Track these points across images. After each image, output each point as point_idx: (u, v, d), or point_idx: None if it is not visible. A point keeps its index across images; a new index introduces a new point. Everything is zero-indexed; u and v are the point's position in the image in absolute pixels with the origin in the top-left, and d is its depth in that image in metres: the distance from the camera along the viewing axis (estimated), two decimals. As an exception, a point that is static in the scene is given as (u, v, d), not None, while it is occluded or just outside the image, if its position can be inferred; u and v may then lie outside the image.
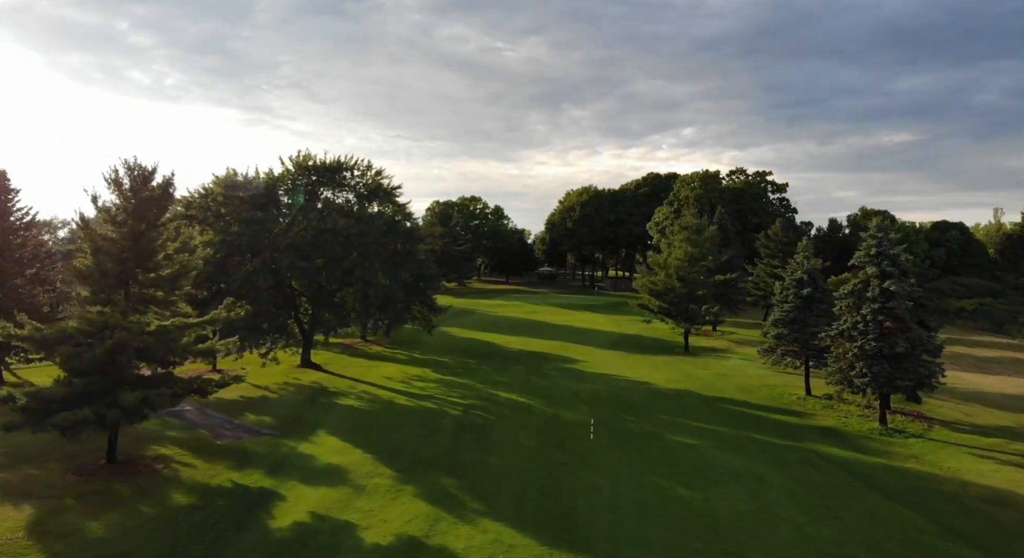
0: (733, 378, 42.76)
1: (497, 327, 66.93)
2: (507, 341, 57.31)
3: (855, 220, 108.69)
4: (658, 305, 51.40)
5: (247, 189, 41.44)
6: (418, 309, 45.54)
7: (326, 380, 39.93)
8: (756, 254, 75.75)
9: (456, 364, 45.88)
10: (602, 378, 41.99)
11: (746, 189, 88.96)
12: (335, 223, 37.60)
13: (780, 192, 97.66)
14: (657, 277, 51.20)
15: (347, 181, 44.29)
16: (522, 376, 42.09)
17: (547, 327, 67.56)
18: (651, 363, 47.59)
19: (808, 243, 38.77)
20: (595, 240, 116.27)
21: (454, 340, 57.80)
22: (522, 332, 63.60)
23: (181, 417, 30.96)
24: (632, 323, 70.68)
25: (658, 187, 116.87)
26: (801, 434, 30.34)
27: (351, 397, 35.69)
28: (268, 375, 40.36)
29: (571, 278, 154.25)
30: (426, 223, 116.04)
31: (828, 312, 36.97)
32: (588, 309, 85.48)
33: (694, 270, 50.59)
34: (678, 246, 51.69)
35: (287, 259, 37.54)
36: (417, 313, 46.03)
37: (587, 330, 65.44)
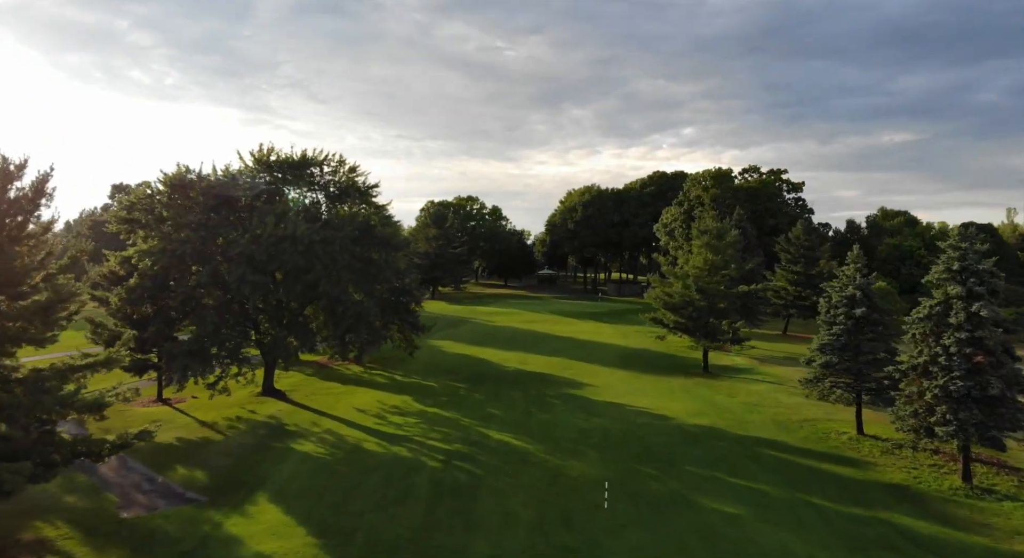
0: (765, 409, 36.58)
1: (493, 340, 60.75)
2: (503, 358, 51.12)
3: (874, 221, 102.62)
4: (674, 320, 45.24)
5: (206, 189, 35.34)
6: (397, 328, 39.29)
7: (287, 414, 33.77)
8: (775, 259, 69.62)
9: (443, 390, 39.72)
10: (613, 409, 35.83)
11: (761, 188, 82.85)
12: (294, 228, 31.43)
13: (796, 191, 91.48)
14: (673, 288, 45.00)
15: (316, 179, 38.16)
16: (519, 407, 35.92)
17: (548, 340, 61.38)
18: (667, 387, 41.41)
19: (859, 253, 32.60)
20: (598, 242, 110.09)
21: (444, 357, 51.60)
22: (520, 346, 57.42)
23: (93, 471, 24.81)
24: (640, 335, 64.50)
25: (665, 186, 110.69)
26: (868, 495, 24.16)
27: (311, 439, 29.51)
28: (219, 407, 34.21)
29: (572, 281, 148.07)
30: (420, 224, 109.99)
31: (885, 335, 30.85)
32: (592, 317, 79.30)
33: (715, 280, 44.42)
34: (697, 253, 45.51)
35: (238, 271, 31.38)
36: (396, 332, 39.78)
37: (592, 344, 59.25)
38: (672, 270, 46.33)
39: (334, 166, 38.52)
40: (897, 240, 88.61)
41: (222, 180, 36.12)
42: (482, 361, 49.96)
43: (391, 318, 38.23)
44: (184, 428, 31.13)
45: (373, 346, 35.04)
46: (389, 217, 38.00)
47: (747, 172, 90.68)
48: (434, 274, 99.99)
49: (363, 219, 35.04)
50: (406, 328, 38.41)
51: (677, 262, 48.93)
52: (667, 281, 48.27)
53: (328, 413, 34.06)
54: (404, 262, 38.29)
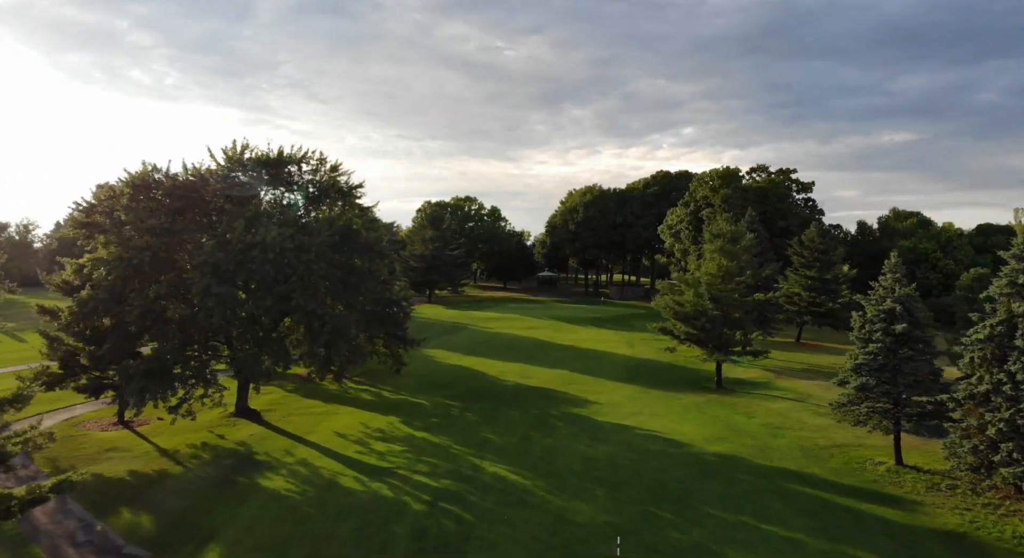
0: (789, 432, 33.17)
1: (491, 349, 57.36)
2: (502, 371, 47.72)
3: (886, 222, 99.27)
4: (685, 330, 41.83)
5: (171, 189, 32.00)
6: (383, 342, 35.87)
7: (259, 439, 30.39)
8: (787, 262, 66.24)
9: (434, 409, 36.34)
10: (621, 433, 32.44)
11: (770, 189, 79.42)
12: (264, 234, 28.03)
13: (806, 191, 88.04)
14: (684, 297, 41.59)
15: (294, 178, 34.77)
16: (518, 430, 32.53)
17: (549, 349, 57.98)
18: (680, 406, 38.02)
19: (898, 262, 29.13)
20: (600, 244, 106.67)
21: (437, 369, 48.19)
22: (520, 356, 54.04)
23: (25, 516, 21.40)
24: (646, 343, 61.11)
25: (669, 186, 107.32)
26: (922, 547, 20.76)
27: (281, 473, 26.13)
28: (185, 431, 30.85)
29: (573, 283, 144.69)
30: (416, 225, 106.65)
31: (927, 354, 27.46)
32: (594, 323, 75.88)
33: (729, 288, 41.03)
34: (709, 258, 42.10)
35: (201, 282, 27.99)
36: (382, 347, 36.34)
37: (596, 353, 55.86)
38: (682, 277, 42.91)
39: (314, 164, 35.15)
40: (912, 242, 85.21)
41: (190, 180, 32.78)
42: (479, 374, 46.55)
43: (376, 331, 34.81)
44: (141, 458, 27.76)
45: (354, 363, 31.62)
46: (374, 220, 34.57)
47: (755, 171, 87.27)
48: (430, 277, 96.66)
49: (344, 223, 31.62)
50: (393, 342, 34.95)
51: (687, 268, 45.47)
52: (677, 288, 44.88)
53: (305, 438, 30.68)
54: (389, 269, 34.73)
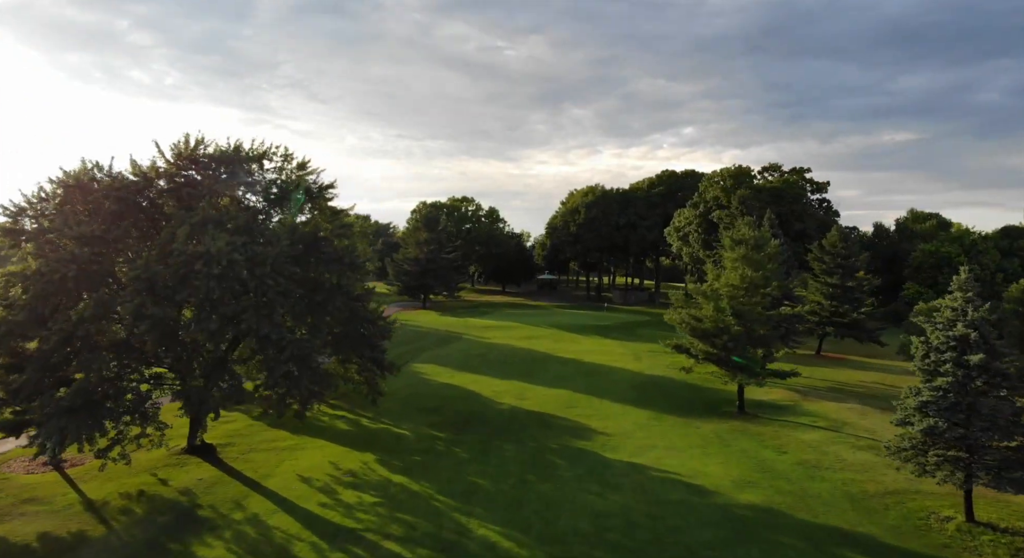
0: (830, 473, 28.47)
1: (486, 364, 52.68)
2: (497, 391, 43.07)
3: (904, 224, 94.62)
4: (704, 349, 37.12)
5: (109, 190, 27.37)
6: (356, 368, 31.12)
7: (208, 485, 25.73)
8: (806, 268, 61.57)
9: (418, 442, 31.70)
10: (634, 473, 27.79)
11: (785, 189, 74.71)
12: (210, 244, 23.36)
13: (820, 192, 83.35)
14: (703, 311, 36.88)
15: (255, 177, 30.10)
16: (513, 471, 27.87)
17: (549, 363, 53.31)
18: (699, 437, 33.34)
19: (968, 278, 24.28)
20: (602, 246, 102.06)
21: (426, 389, 43.53)
22: (517, 372, 49.38)
23: None
24: (655, 356, 56.46)
25: (675, 186, 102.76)
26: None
27: (224, 536, 21.45)
28: (123, 474, 26.23)
29: (574, 287, 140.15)
30: (411, 227, 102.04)
31: (1009, 390, 22.78)
32: (598, 332, 71.21)
33: (754, 301, 36.36)
34: (731, 268, 37.44)
35: (133, 301, 23.35)
36: (356, 374, 31.58)
37: (601, 368, 51.16)
38: (700, 288, 38.15)
39: (278, 162, 30.51)
40: (933, 246, 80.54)
41: (132, 179, 28.15)
42: (471, 395, 41.88)
43: (348, 355, 30.09)
44: (60, 514, 23.09)
45: (319, 397, 26.89)
46: (347, 226, 29.85)
47: (767, 171, 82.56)
48: (425, 281, 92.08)
49: (310, 229, 26.96)
50: (368, 368, 30.18)
51: (705, 277, 40.77)
52: (693, 301, 40.21)
53: (262, 484, 26.01)
54: (363, 284, 29.98)
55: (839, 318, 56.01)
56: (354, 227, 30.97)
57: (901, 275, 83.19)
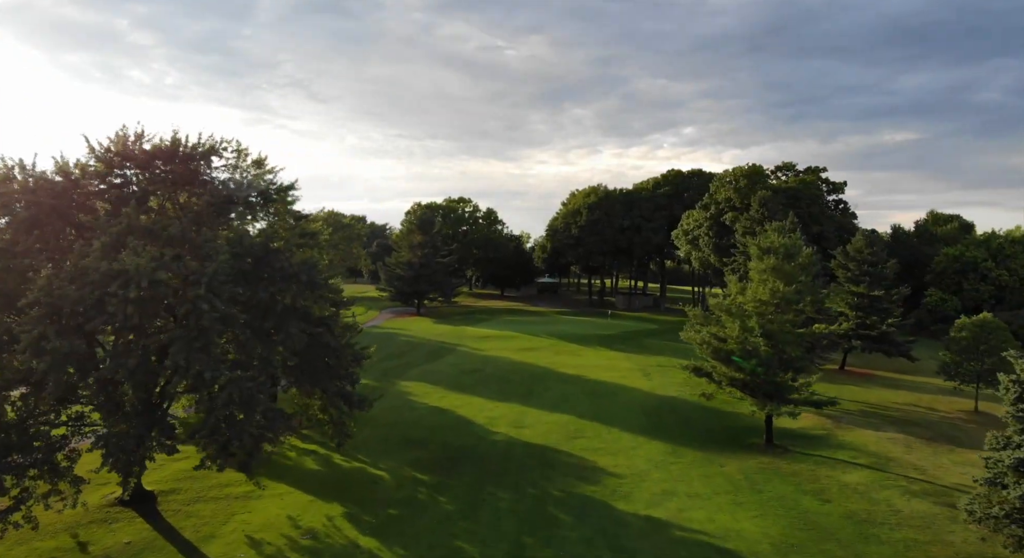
0: (886, 531, 23.72)
1: (480, 382, 47.92)
2: (491, 416, 38.36)
3: (924, 227, 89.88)
4: (729, 374, 32.37)
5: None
6: (321, 405, 26.26)
7: (135, 553, 21.00)
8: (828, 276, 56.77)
9: (397, 489, 26.97)
10: (654, 534, 23.07)
11: (802, 189, 70.04)
12: (131, 261, 18.62)
13: (837, 192, 78.65)
14: (727, 331, 32.13)
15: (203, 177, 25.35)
16: (508, 533, 23.14)
17: (550, 381, 48.55)
18: (725, 480, 28.59)
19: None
20: (606, 250, 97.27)
21: (412, 414, 38.80)
22: (515, 392, 44.66)
23: None
24: (665, 372, 51.79)
25: (681, 186, 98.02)
26: None
27: (134, 638, 16.73)
28: (41, 534, 21.49)
29: (575, 290, 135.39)
30: (404, 229, 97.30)
31: None
32: (602, 343, 66.44)
33: (786, 319, 31.63)
34: (759, 280, 32.72)
35: (34, 331, 18.64)
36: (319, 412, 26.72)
37: (607, 388, 46.38)
38: (722, 303, 33.38)
39: (230, 159, 25.79)
40: (957, 250, 75.77)
41: (54, 180, 23.46)
42: (462, 424, 37.14)
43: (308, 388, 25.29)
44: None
45: (271, 440, 22.10)
46: (311, 235, 25.02)
47: (781, 170, 77.85)
48: (418, 287, 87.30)
49: (260, 239, 22.23)
50: (335, 404, 25.27)
51: (727, 290, 36.07)
52: (712, 316, 35.51)
53: (201, 550, 21.30)
54: (326, 305, 25.02)
55: (867, 331, 51.24)
56: (321, 235, 26.15)
57: (923, 281, 78.36)
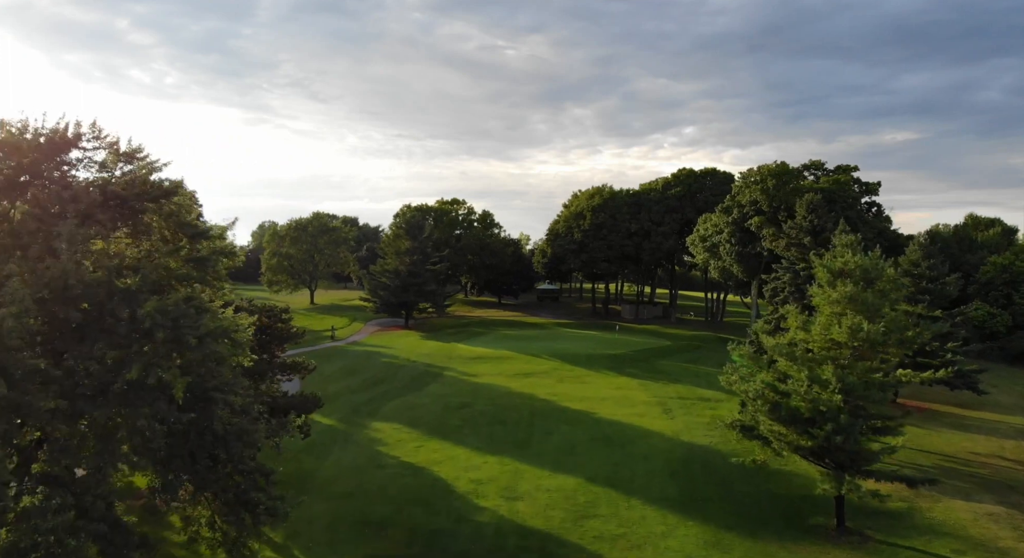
0: None
1: (468, 423, 39.85)
2: (478, 479, 30.30)
3: (963, 232, 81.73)
4: (790, 438, 24.25)
5: None
6: (207, 517, 17.84)
7: None
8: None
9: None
10: None
11: (836, 190, 62.01)
12: None
13: (871, 193, 70.49)
14: (791, 384, 23.99)
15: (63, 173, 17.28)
16: None
17: (552, 420, 40.48)
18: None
19: None
20: (612, 257, 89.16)
21: (376, 477, 30.69)
22: (509, 438, 36.65)
23: None
24: (688, 407, 43.76)
25: (694, 187, 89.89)
26: None
27: None
28: None
29: (578, 297, 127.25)
30: (391, 234, 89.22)
31: None
32: (610, 365, 58.32)
33: (869, 366, 23.56)
34: (828, 313, 24.65)
35: None
36: (204, 528, 18.32)
37: (621, 433, 38.22)
38: (781, 345, 25.20)
39: (97, 150, 17.73)
40: (1007, 258, 67.70)
41: None
42: (439, 491, 29.05)
43: (188, 492, 17.01)
44: None
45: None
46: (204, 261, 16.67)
47: (809, 169, 69.74)
48: (406, 298, 79.16)
49: (100, 275, 14.07)
50: (229, 517, 16.75)
51: (780, 325, 28.00)
52: (760, 356, 27.45)
53: None
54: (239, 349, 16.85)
55: (926, 359, 43.08)
56: (221, 259, 18.06)
57: (965, 292, 70.21)
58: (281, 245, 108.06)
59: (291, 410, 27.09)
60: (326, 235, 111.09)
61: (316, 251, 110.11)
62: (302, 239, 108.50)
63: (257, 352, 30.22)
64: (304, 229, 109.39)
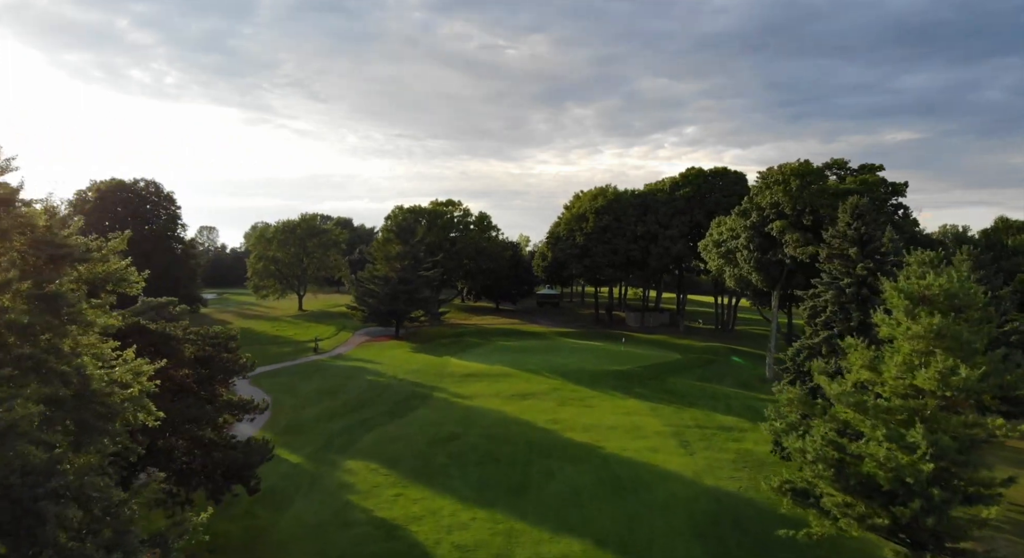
0: None
1: (456, 460, 34.50)
2: (463, 544, 24.97)
3: (994, 235, 76.28)
4: (859, 508, 18.86)
5: None
6: None
7: None
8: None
9: None
10: None
11: (865, 191, 56.56)
12: None
13: (898, 195, 64.98)
14: (868, 447, 18.60)
15: None
16: None
17: (553, 457, 35.12)
18: None
19: None
20: (616, 262, 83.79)
21: (338, 540, 25.31)
22: (502, 485, 31.33)
23: None
24: (709, 440, 38.43)
25: (704, 187, 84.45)
26: None
27: None
28: None
29: (579, 302, 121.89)
30: (382, 238, 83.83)
31: None
32: (617, 384, 52.95)
33: (963, 421, 18.23)
34: (907, 350, 19.32)
35: None
36: None
37: (635, 476, 32.82)
38: (847, 393, 19.81)
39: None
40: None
41: None
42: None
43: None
44: None
45: None
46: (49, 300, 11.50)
47: (830, 168, 64.24)
48: (395, 306, 73.76)
49: None
50: None
51: (840, 368, 22.67)
52: (816, 403, 22.11)
53: None
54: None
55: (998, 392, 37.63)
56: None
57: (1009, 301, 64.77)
58: (268, 248, 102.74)
59: (232, 467, 21.81)
60: (315, 237, 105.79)
61: (305, 254, 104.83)
62: (290, 242, 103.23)
63: (194, 390, 24.96)
64: (292, 231, 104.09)
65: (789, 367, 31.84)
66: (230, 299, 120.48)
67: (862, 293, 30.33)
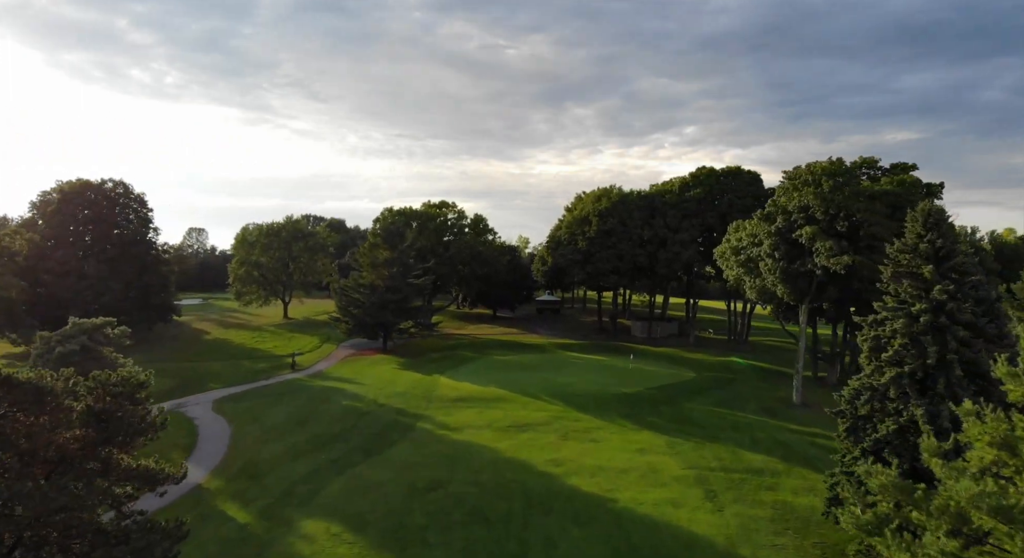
0: None
1: (437, 520, 28.49)
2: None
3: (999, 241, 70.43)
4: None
5: None
6: None
7: None
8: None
9: None
10: None
11: (903, 193, 50.70)
12: None
13: (933, 196, 58.93)
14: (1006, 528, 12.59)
15: None
16: None
17: (553, 516, 29.12)
18: None
19: None
20: (621, 269, 77.79)
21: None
22: (495, 552, 25.32)
23: None
24: (739, 488, 32.41)
25: (715, 188, 78.43)
26: None
27: None
28: None
29: (581, 309, 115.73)
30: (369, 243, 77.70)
31: None
32: (627, 413, 46.90)
33: None
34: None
35: None
36: None
37: (656, 542, 26.79)
38: (972, 487, 13.84)
39: None
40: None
41: None
42: None
43: None
44: None
45: None
46: None
47: (860, 167, 58.20)
48: (382, 317, 67.75)
49: None
50: None
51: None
52: (916, 489, 16.07)
53: None
54: None
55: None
56: None
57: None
58: (251, 253, 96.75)
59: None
60: (302, 241, 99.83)
61: (290, 259, 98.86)
62: (274, 246, 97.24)
63: (79, 459, 18.98)
64: (277, 235, 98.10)
65: (845, 411, 25.85)
66: (215, 305, 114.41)
67: (940, 322, 24.35)
